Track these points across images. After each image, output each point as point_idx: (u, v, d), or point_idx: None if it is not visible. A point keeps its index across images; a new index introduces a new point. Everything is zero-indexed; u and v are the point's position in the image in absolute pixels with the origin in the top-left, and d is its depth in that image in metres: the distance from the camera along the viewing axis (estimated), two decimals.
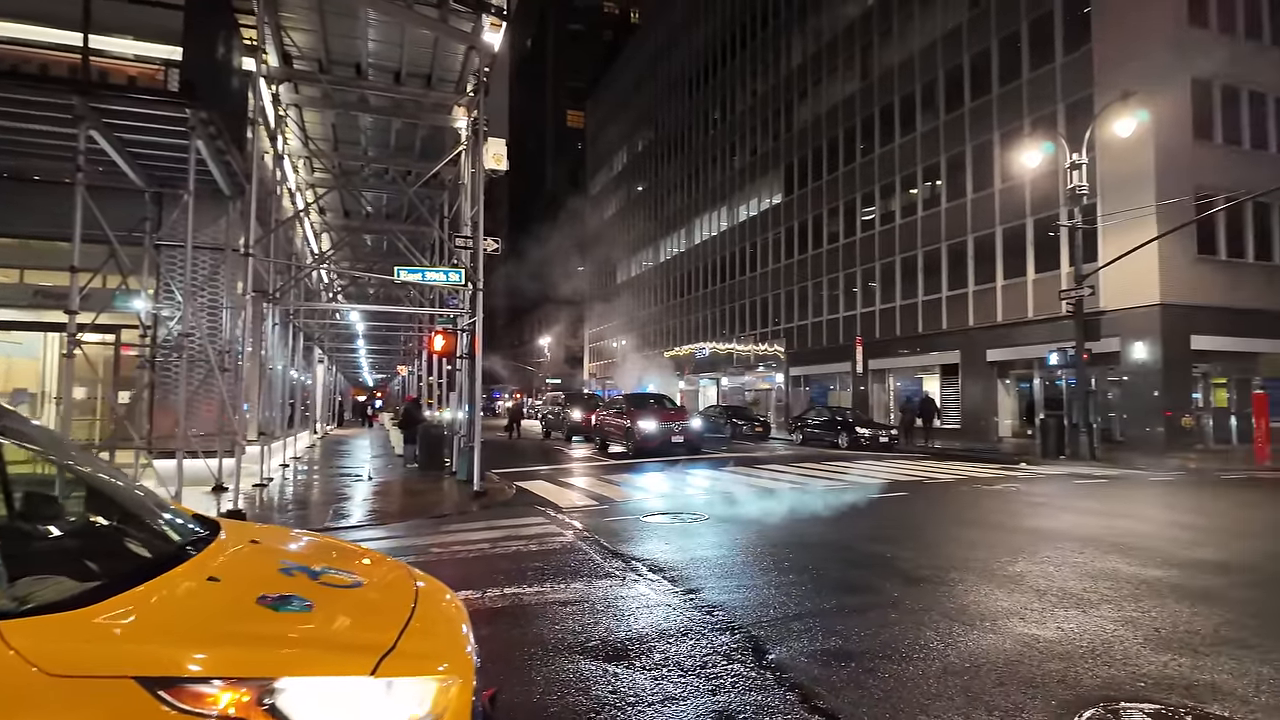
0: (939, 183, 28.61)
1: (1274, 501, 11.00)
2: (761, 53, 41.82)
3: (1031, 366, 24.71)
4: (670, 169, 54.54)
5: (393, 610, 2.38)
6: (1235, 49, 21.90)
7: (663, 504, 10.44)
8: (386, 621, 2.26)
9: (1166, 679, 3.80)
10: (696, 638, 4.54)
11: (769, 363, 39.45)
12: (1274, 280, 22.00)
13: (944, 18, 28.51)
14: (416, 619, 2.34)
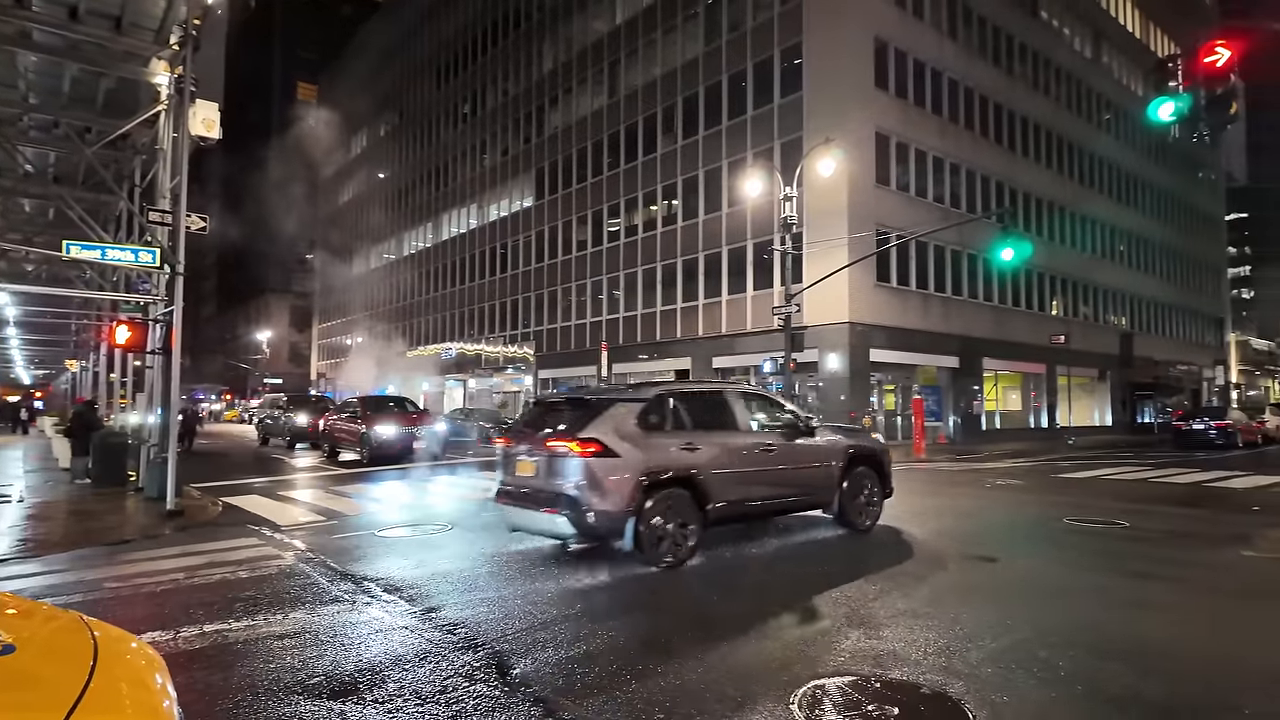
0: (676, 202, 30.78)
1: (929, 489, 13.38)
2: (514, 53, 41.71)
3: (749, 372, 27.55)
4: (416, 159, 52.12)
5: (58, 681, 1.80)
6: (907, 112, 26.53)
7: (402, 516, 9.80)
8: (50, 699, 1.70)
9: (859, 652, 4.35)
10: (436, 660, 4.25)
11: (519, 365, 39.37)
12: (929, 306, 26.95)
13: (684, 48, 30.77)
14: (95, 687, 1.78)
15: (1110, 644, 4.47)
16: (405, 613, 5.24)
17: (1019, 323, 30.86)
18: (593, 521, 6.30)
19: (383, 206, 56.73)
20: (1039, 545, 7.94)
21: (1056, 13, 34.95)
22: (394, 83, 55.87)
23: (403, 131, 54.44)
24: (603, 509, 6.29)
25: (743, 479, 7.16)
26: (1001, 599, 5.56)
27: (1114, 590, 5.88)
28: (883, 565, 6.65)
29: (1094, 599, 5.59)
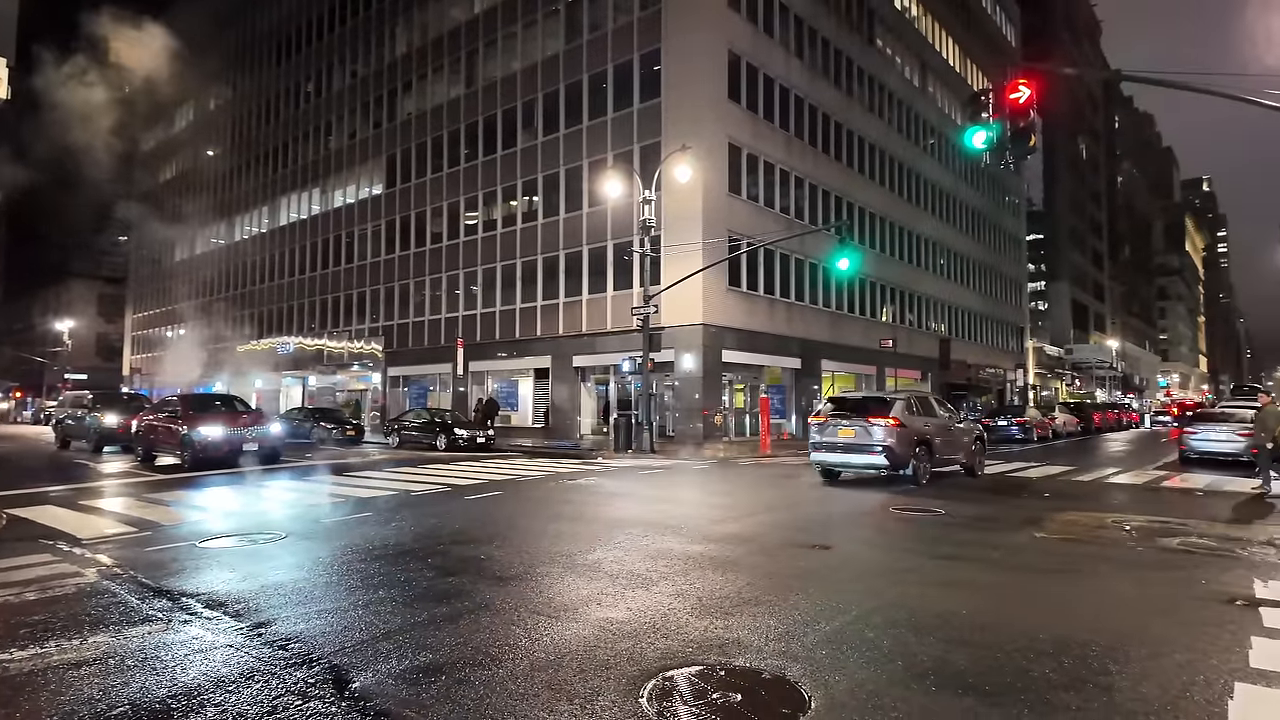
0: (536, 198, 30.50)
1: (772, 483, 14.13)
2: (363, 33, 39.55)
3: (609, 372, 27.85)
4: (252, 136, 48.12)
5: None
6: (757, 125, 27.85)
7: (228, 524, 8.99)
8: None
9: (707, 641, 4.51)
10: (265, 679, 3.94)
11: (365, 362, 37.37)
12: (775, 310, 28.47)
13: (545, 44, 30.54)
14: None
15: (925, 621, 4.93)
16: (230, 629, 4.81)
17: (853, 328, 33.33)
18: (896, 459, 12.18)
19: (212, 186, 51.86)
20: (866, 533, 8.61)
21: (889, 42, 38.07)
22: (228, 52, 51.19)
23: (236, 106, 50.07)
24: (901, 453, 12.18)
25: (943, 444, 13.21)
26: (835, 584, 5.97)
27: (929, 571, 6.49)
28: (731, 556, 6.93)
29: (913, 580, 6.14)
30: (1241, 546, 7.55)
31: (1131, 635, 4.60)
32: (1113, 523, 9.10)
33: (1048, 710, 3.49)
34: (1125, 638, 4.55)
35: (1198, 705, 3.54)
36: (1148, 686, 3.78)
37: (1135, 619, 4.99)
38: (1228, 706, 3.51)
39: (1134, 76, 11.15)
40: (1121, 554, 7.28)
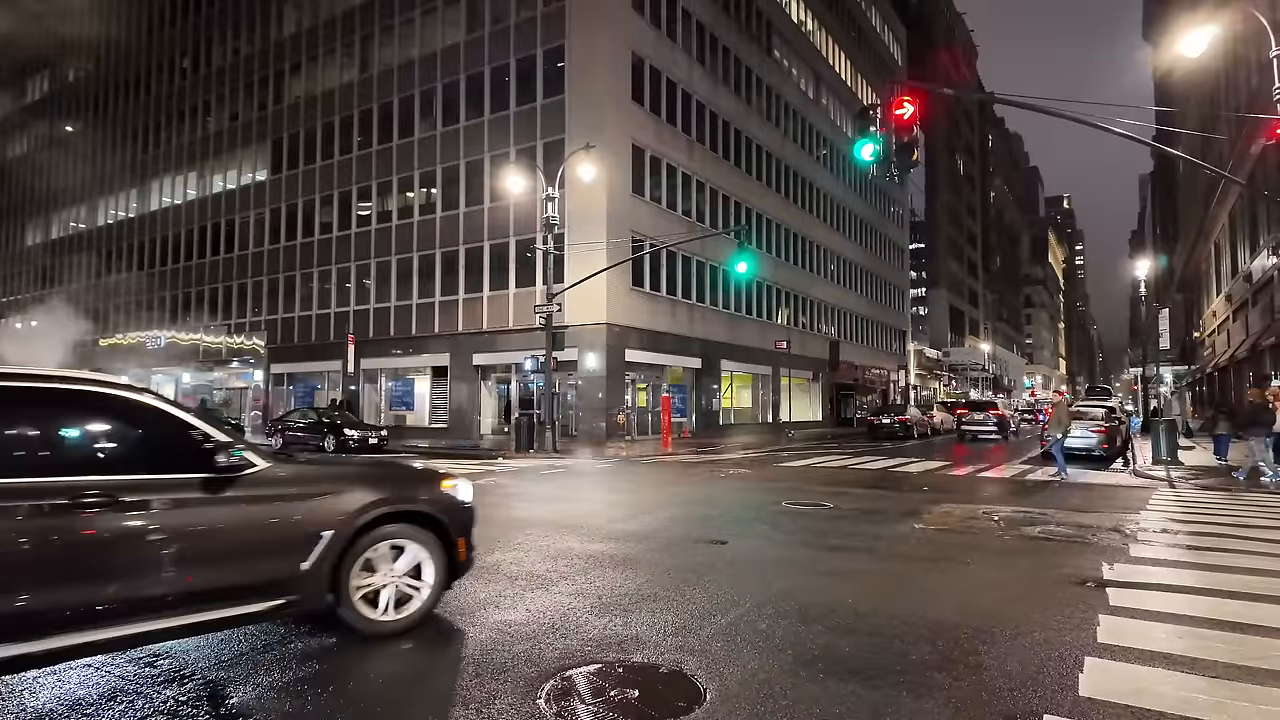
0: (434, 191, 29.65)
1: (674, 480, 14.36)
2: (247, 9, 37.20)
3: (510, 370, 27.45)
4: (118, 113, 44.27)
5: None
6: (660, 128, 28.20)
7: None
8: None
9: (606, 639, 4.54)
10: (131, 699, 3.64)
11: (246, 358, 35.18)
12: (677, 311, 28.92)
13: (445, 33, 29.73)
14: None
15: (813, 610, 5.15)
16: None
17: (750, 329, 34.33)
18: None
19: (70, 165, 47.32)
20: (761, 527, 8.89)
21: (786, 54, 39.46)
22: (90, 20, 46.85)
23: (100, 79, 45.92)
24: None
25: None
26: (730, 578, 6.13)
27: (818, 563, 6.79)
28: (631, 554, 6.99)
29: (803, 571, 6.40)
30: (1092, 533, 8.31)
31: (997, 617, 4.98)
32: (983, 514, 9.81)
33: (924, 690, 3.72)
34: (992, 620, 4.91)
35: (1053, 679, 3.87)
36: (1011, 664, 4.10)
37: (1001, 602, 5.40)
38: (1079, 679, 3.85)
39: (1006, 99, 12.06)
40: (990, 542, 7.86)
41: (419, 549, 4.75)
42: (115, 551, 3.64)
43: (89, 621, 3.52)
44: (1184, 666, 4.01)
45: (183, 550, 3.80)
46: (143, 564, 3.71)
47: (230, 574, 3.96)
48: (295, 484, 4.35)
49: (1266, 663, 4.07)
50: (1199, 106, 32.83)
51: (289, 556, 4.16)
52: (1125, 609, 5.14)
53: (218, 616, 3.93)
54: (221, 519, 3.97)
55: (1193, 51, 12.77)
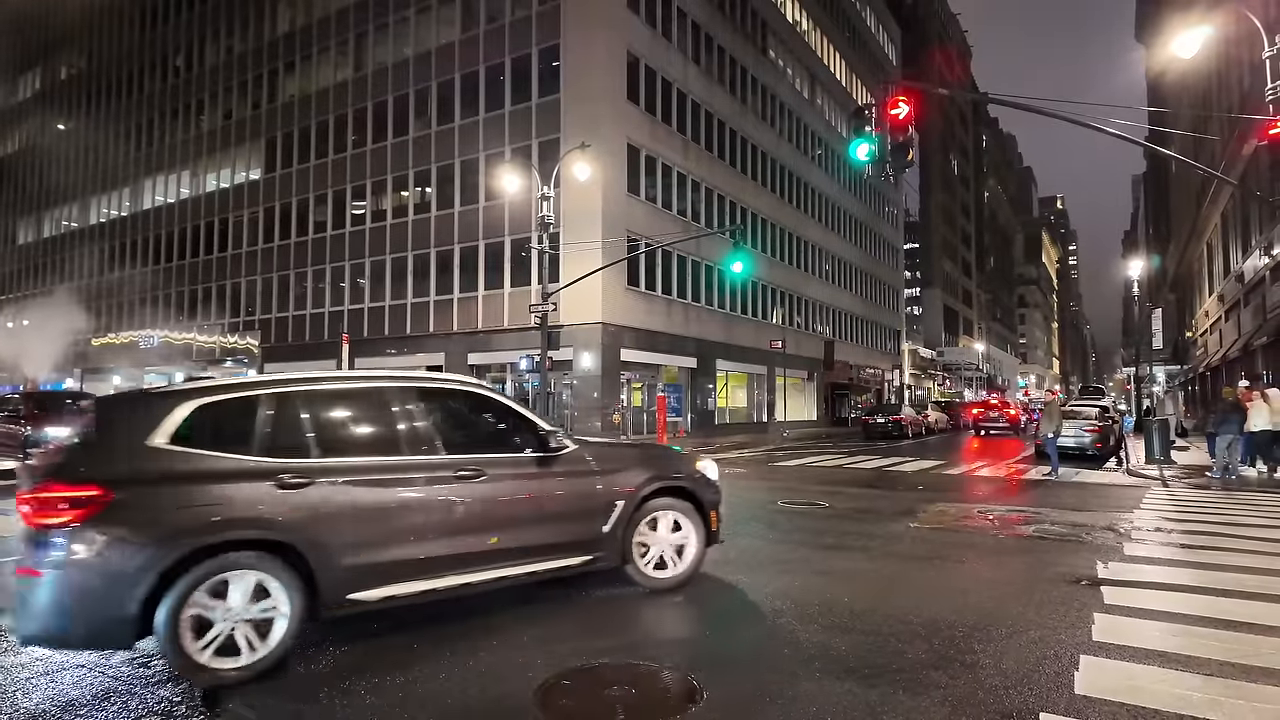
0: (429, 190, 29.59)
1: None
2: (240, 7, 37.04)
3: (506, 370, 27.41)
4: (110, 111, 44.03)
5: None
6: (655, 128, 28.19)
7: None
8: None
9: (601, 639, 4.52)
10: (125, 700, 3.63)
11: (240, 358, 35.03)
12: (672, 310, 28.93)
13: (439, 32, 29.67)
14: None
15: (809, 609, 5.15)
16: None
17: (745, 329, 34.36)
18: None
19: (64, 163, 47.07)
20: (756, 526, 8.90)
21: (781, 53, 39.50)
22: (80, 17, 46.58)
23: (92, 78, 45.67)
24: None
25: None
26: (726, 577, 6.13)
27: (814, 561, 6.79)
28: None
29: (798, 570, 6.40)
30: (1086, 532, 8.34)
31: (993, 616, 4.99)
32: (978, 513, 9.84)
33: (920, 689, 3.73)
34: (987, 618, 4.92)
35: (1049, 677, 3.88)
36: (1007, 662, 4.11)
37: (996, 601, 5.41)
38: (1074, 677, 3.86)
39: (1000, 100, 12.09)
40: (985, 541, 7.88)
41: (683, 519, 5.63)
42: (484, 512, 4.66)
43: (463, 566, 4.56)
44: (1179, 664, 4.03)
45: (527, 512, 4.86)
46: (502, 522, 4.74)
47: (556, 533, 4.95)
48: (596, 461, 5.30)
49: (1261, 660, 4.09)
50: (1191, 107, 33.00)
51: (594, 520, 5.12)
52: (1120, 607, 5.15)
53: (548, 567, 4.92)
54: (551, 489, 4.99)
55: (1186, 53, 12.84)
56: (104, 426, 4.09)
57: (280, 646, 3.96)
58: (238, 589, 3.88)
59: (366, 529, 4.25)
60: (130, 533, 3.69)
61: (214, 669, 3.79)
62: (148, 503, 3.80)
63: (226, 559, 3.86)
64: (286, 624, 3.97)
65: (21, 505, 3.75)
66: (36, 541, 3.66)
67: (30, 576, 3.64)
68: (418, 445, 4.60)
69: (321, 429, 4.39)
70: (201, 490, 3.91)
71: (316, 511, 4.11)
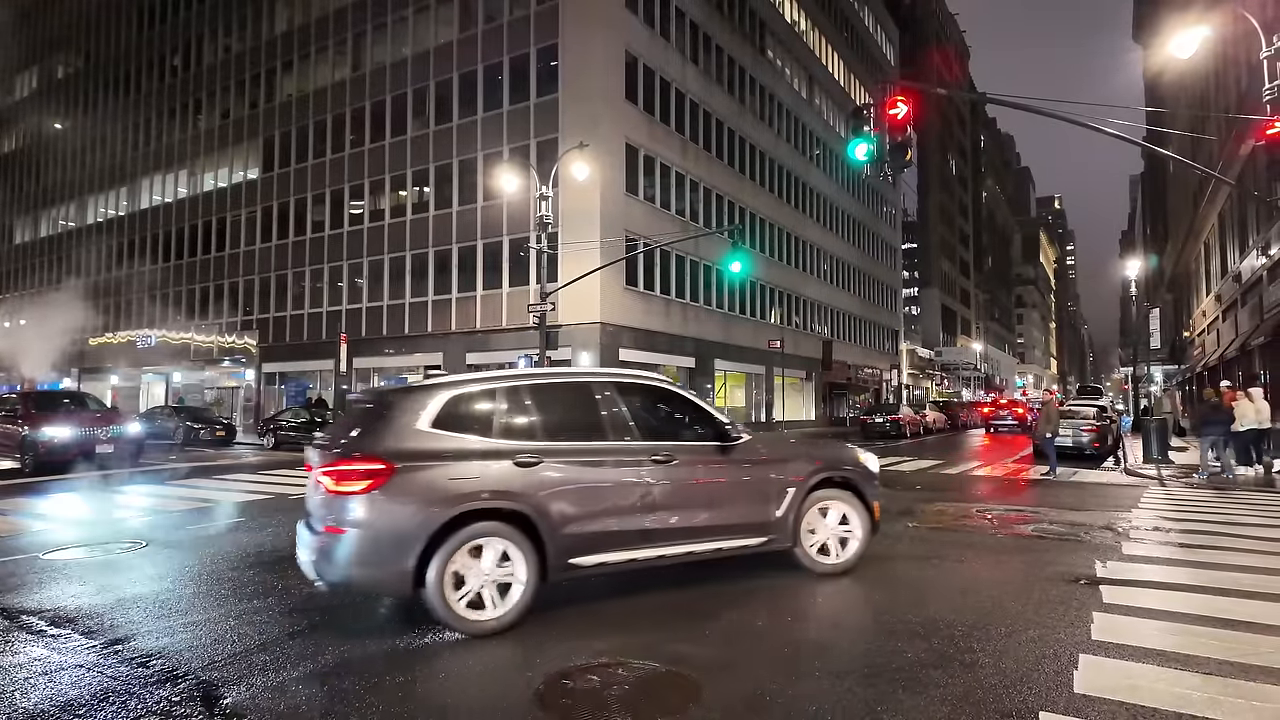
0: (428, 190, 29.56)
1: None
2: (238, 6, 36.96)
3: (504, 369, 27.36)
4: (107, 110, 43.90)
5: None
6: (653, 127, 28.19)
7: (78, 534, 8.20)
8: None
9: (602, 638, 4.52)
10: (124, 700, 3.62)
11: (238, 357, 34.99)
12: (670, 310, 28.92)
13: (437, 31, 29.64)
14: None
15: (809, 608, 5.14)
16: (81, 648, 4.39)
17: (743, 329, 34.37)
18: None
19: (59, 163, 46.97)
20: None
21: (779, 53, 39.50)
22: (78, 14, 46.49)
23: (89, 77, 45.55)
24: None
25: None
26: (726, 575, 6.12)
27: None
28: None
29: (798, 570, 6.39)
30: (1085, 531, 8.35)
31: (992, 615, 4.99)
32: (976, 512, 9.84)
33: (920, 688, 3.73)
34: (986, 618, 4.93)
35: (1048, 676, 3.89)
36: (1006, 661, 4.11)
37: (995, 600, 5.42)
38: (1073, 676, 3.87)
39: (998, 100, 12.10)
40: (983, 540, 7.88)
41: (848, 508, 6.09)
42: (675, 493, 5.25)
43: (660, 540, 5.18)
44: (1177, 663, 4.03)
45: (711, 495, 5.44)
46: (690, 503, 5.33)
47: (736, 515, 5.52)
48: (769, 450, 5.92)
49: (1259, 659, 4.09)
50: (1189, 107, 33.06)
51: (768, 505, 5.67)
52: (1119, 606, 5.16)
53: (730, 545, 5.52)
54: (731, 474, 5.57)
55: (1183, 53, 12.86)
56: (382, 413, 4.88)
57: (518, 606, 4.68)
58: (490, 552, 4.65)
59: (583, 503, 4.93)
60: (409, 499, 4.49)
61: (467, 618, 4.56)
62: (420, 475, 4.57)
63: (480, 526, 4.62)
64: (523, 586, 4.69)
65: (323, 476, 4.62)
66: (336, 505, 4.51)
67: (334, 534, 4.49)
68: (619, 432, 5.24)
69: (543, 416, 5.13)
70: (460, 466, 4.68)
71: (545, 487, 4.82)
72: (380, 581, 4.58)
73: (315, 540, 4.63)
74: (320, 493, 4.67)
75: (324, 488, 4.59)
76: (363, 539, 4.44)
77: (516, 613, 4.65)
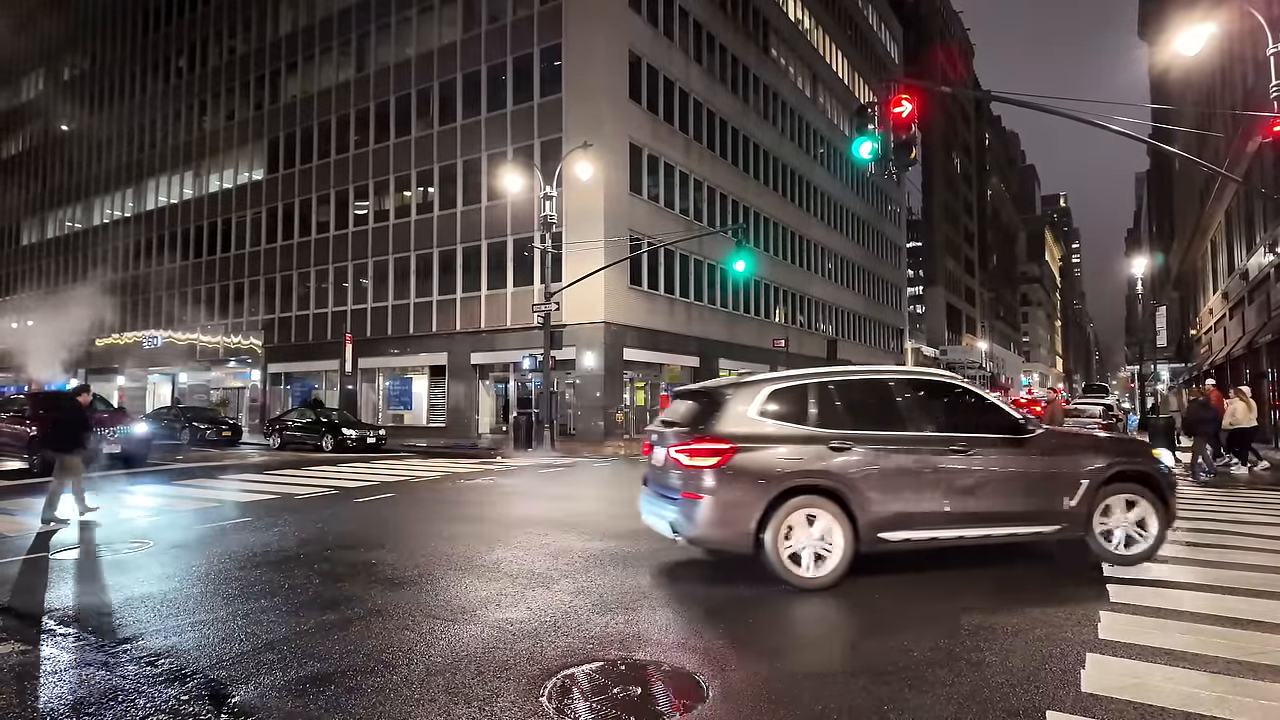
0: (432, 190, 29.61)
1: None
2: (242, 8, 37.08)
3: (508, 369, 27.44)
4: (113, 112, 44.11)
5: None
6: (657, 127, 28.18)
7: (86, 533, 8.24)
8: None
9: (608, 637, 4.53)
10: (131, 700, 3.63)
11: (243, 358, 35.13)
12: (674, 309, 28.92)
13: (441, 31, 29.69)
14: None
15: (814, 606, 5.14)
16: (89, 647, 4.41)
17: (748, 328, 34.34)
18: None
19: (65, 165, 47.20)
20: None
21: (783, 52, 39.45)
22: (84, 17, 46.69)
23: (95, 79, 45.75)
24: None
25: None
26: (730, 575, 6.12)
27: None
28: (632, 552, 6.98)
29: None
30: None
31: (999, 614, 4.98)
32: None
33: (926, 686, 3.72)
34: (993, 616, 4.91)
35: (1056, 675, 3.87)
36: (1014, 660, 4.10)
37: (1003, 600, 5.40)
38: (1080, 675, 3.85)
39: (1002, 97, 12.06)
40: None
41: (1144, 503, 6.27)
42: (972, 481, 5.82)
43: (960, 523, 5.80)
44: (1185, 662, 4.02)
45: (1006, 484, 5.91)
46: (986, 490, 5.86)
47: (1029, 503, 5.97)
48: (1061, 445, 6.26)
49: (1268, 658, 4.07)
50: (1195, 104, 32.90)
51: (1060, 494, 6.03)
52: (1126, 605, 5.14)
53: (1023, 532, 6.01)
54: (1024, 465, 6.00)
55: (1189, 49, 12.80)
56: (719, 403, 5.84)
57: (837, 569, 5.52)
58: (814, 522, 5.53)
59: (888, 485, 5.63)
60: (748, 474, 5.49)
61: (796, 573, 5.47)
62: (755, 454, 5.56)
63: (804, 499, 5.51)
64: (840, 554, 5.52)
65: (678, 453, 5.71)
66: (691, 477, 5.61)
67: (692, 499, 5.57)
68: (919, 423, 5.93)
69: (850, 408, 5.92)
70: (785, 448, 5.63)
71: (856, 469, 5.60)
72: (727, 540, 5.61)
73: (675, 505, 5.72)
74: (675, 466, 5.76)
75: (679, 462, 5.69)
76: (714, 504, 5.51)
77: (836, 575, 5.48)
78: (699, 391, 6.45)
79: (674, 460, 5.75)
